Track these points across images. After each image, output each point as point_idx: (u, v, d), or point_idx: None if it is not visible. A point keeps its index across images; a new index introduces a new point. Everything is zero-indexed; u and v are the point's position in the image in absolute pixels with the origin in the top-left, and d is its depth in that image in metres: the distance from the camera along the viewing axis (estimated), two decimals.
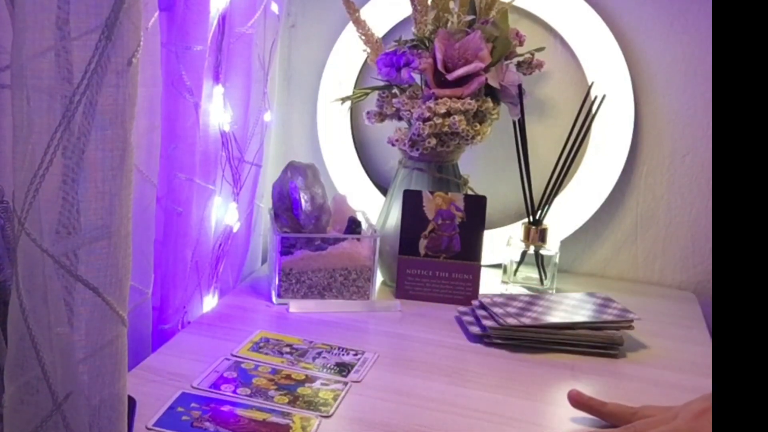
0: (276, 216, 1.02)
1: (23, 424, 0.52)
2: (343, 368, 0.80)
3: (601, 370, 0.84)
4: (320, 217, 1.00)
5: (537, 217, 1.06)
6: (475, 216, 1.01)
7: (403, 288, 1.02)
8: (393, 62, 1.00)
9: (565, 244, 1.13)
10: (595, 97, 1.05)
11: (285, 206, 1.00)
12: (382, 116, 1.05)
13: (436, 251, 1.01)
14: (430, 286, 1.02)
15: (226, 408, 0.71)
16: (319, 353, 0.84)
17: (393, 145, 1.02)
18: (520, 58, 1.05)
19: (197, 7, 0.84)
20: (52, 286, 0.50)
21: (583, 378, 0.82)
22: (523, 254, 1.06)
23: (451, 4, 1.00)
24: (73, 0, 0.46)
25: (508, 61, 1.04)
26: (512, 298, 0.95)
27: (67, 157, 0.48)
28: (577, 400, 0.73)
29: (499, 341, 0.88)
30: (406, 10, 1.07)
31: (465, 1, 1.01)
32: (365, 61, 1.13)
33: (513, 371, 0.82)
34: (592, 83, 1.08)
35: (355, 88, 1.18)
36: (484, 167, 1.17)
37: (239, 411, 0.71)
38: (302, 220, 0.99)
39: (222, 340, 0.86)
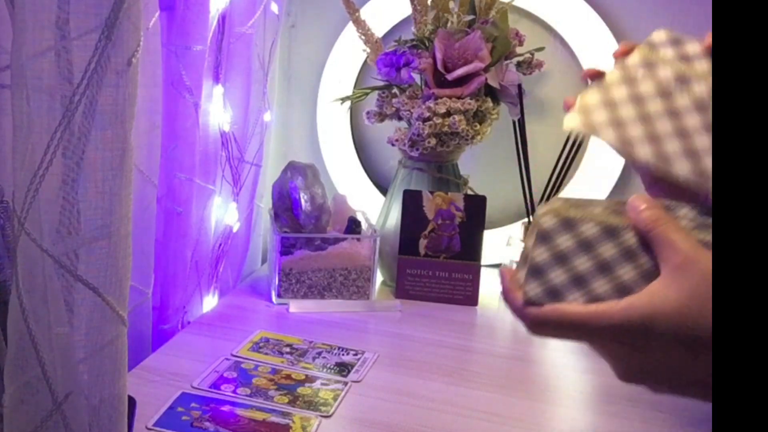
0: (276, 216, 1.02)
1: (23, 424, 0.52)
2: (343, 368, 0.80)
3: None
4: (320, 217, 1.00)
5: None
6: (475, 216, 1.01)
7: (403, 288, 1.02)
8: (393, 62, 1.00)
9: None
10: None
11: (285, 206, 1.00)
12: (382, 116, 1.05)
13: (436, 251, 1.01)
14: (430, 286, 1.02)
15: (226, 408, 0.71)
16: (319, 353, 0.84)
17: (393, 145, 1.02)
18: (520, 58, 1.05)
19: (197, 7, 0.84)
20: (52, 286, 0.50)
21: (574, 377, 0.82)
22: None
23: (451, 4, 1.00)
24: (73, 0, 0.46)
25: (508, 61, 1.04)
26: None
27: (67, 157, 0.48)
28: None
29: None
30: (406, 10, 1.07)
31: (465, 1, 1.01)
32: (365, 61, 1.13)
33: (513, 371, 0.82)
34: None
35: (355, 88, 1.18)
36: (484, 167, 1.17)
37: (239, 411, 0.71)
38: (302, 220, 0.99)
39: (222, 340, 0.86)
